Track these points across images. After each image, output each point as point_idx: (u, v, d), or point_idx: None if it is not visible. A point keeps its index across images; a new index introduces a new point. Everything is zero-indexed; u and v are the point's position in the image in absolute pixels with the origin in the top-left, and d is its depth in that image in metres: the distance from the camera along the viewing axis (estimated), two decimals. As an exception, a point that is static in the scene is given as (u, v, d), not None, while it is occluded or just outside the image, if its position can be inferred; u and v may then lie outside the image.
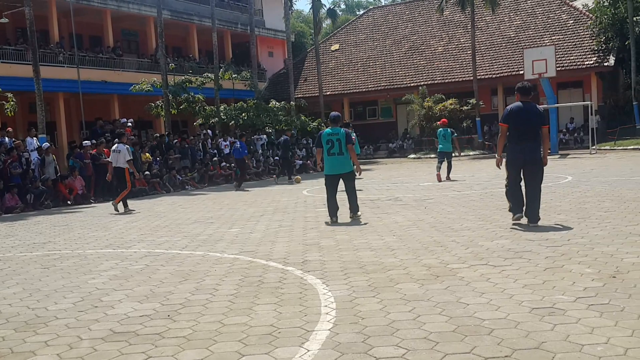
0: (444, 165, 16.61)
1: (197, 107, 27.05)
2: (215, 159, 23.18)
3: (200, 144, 23.74)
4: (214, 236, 8.90)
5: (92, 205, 16.14)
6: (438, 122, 19.23)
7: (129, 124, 22.70)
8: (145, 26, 32.90)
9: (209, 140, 25.02)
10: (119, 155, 13.72)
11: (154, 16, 28.84)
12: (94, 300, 5.43)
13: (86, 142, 18.17)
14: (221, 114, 27.19)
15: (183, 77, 27.45)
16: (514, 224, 8.14)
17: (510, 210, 8.37)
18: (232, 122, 27.36)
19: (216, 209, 13.03)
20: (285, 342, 4.00)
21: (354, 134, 16.03)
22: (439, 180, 16.21)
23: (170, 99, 26.04)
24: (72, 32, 26.61)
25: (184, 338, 4.21)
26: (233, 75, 30.13)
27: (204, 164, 22.11)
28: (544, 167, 8.14)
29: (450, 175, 16.70)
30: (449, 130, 17.11)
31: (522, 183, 8.19)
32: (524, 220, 8.09)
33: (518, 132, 8.00)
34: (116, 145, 13.96)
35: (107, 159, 17.78)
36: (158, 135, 24.96)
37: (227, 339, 4.12)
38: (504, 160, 8.39)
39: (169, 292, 5.54)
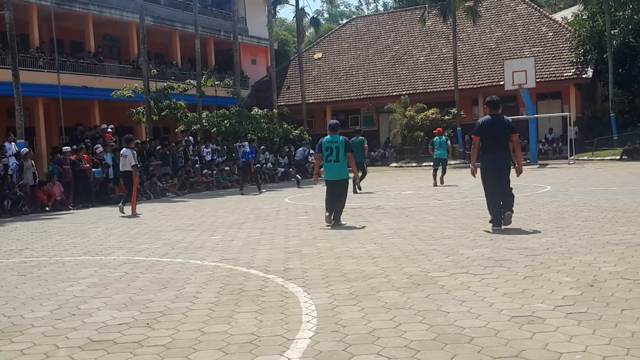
0: (437, 171, 18.05)
1: (179, 114, 26.92)
2: (197, 165, 23.08)
3: (181, 150, 23.62)
4: (194, 243, 8.85)
5: (71, 211, 15.97)
6: (434, 131, 20.86)
7: (110, 130, 22.53)
8: (127, 32, 32.73)
9: (191, 147, 24.90)
10: (125, 159, 14.02)
11: (136, 22, 28.69)
12: (71, 308, 5.36)
13: (66, 148, 17.99)
14: (203, 121, 27.09)
15: (165, 84, 27.33)
16: (493, 230, 8.60)
17: (490, 222, 8.82)
18: (214, 129, 27.27)
19: (197, 216, 12.96)
20: (265, 350, 3.98)
21: (366, 142, 18.17)
22: (435, 185, 17.53)
23: (152, 105, 25.89)
24: (53, 36, 26.39)
25: (163, 347, 4.17)
26: (215, 82, 30.05)
27: (185, 170, 22.00)
28: (519, 175, 9.04)
29: (444, 179, 18.09)
30: (444, 137, 18.66)
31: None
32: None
33: (490, 143, 8.64)
34: (123, 149, 14.26)
35: (87, 165, 17.72)
36: (139, 141, 24.80)
37: (207, 348, 4.09)
38: (478, 169, 8.98)
39: (148, 300, 5.49)
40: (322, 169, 10.47)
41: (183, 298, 5.51)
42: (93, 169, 17.96)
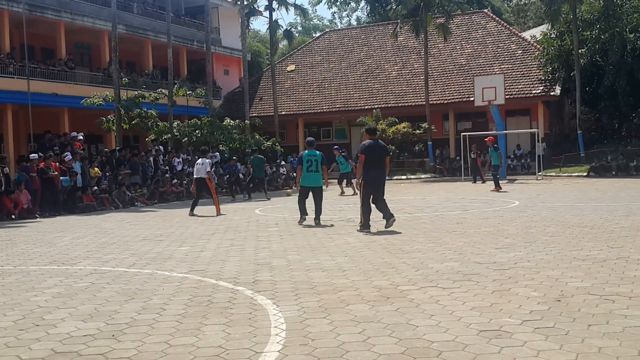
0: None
1: (149, 123, 26.70)
2: (166, 175, 22.85)
3: (151, 159, 23.39)
4: (162, 254, 8.74)
5: (38, 220, 15.68)
6: (485, 140, 23.59)
7: (80, 138, 22.22)
8: (99, 40, 32.45)
9: (161, 156, 24.68)
10: (202, 167, 15.45)
11: (109, 30, 28.45)
12: (35, 318, 5.25)
13: (33, 156, 17.65)
14: (174, 130, 26.91)
15: (136, 92, 27.09)
16: (363, 232, 10.30)
17: (361, 224, 10.62)
18: (185, 139, 27.09)
19: (166, 226, 12.82)
20: (233, 363, 3.94)
21: (343, 154, 22.84)
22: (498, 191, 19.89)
23: (122, 113, 25.64)
24: (24, 43, 26.02)
25: (128, 359, 4.10)
26: (187, 92, 29.90)
27: (154, 180, 21.77)
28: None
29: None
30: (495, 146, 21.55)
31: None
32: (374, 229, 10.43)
33: (372, 161, 10.52)
34: (200, 159, 15.83)
35: (55, 172, 17.41)
36: (108, 150, 24.52)
37: (173, 360, 4.04)
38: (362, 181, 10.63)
39: (114, 311, 5.40)
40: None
41: (150, 309, 5.43)
42: (61, 177, 17.67)
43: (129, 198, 19.64)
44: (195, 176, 15.79)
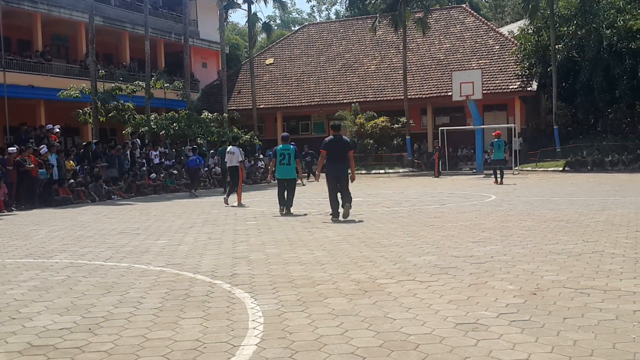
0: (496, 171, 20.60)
1: (126, 116, 26.43)
2: (144, 169, 22.66)
3: (128, 153, 23.17)
4: (140, 248, 8.68)
5: (14, 213, 15.46)
6: (493, 134, 23.45)
7: (56, 130, 21.93)
8: (76, 31, 31.98)
9: (138, 149, 24.46)
10: (233, 156, 15.87)
11: (86, 22, 28.03)
12: (11, 311, 5.18)
13: (12, 149, 17.37)
14: (151, 123, 26.67)
15: (113, 85, 26.79)
16: (332, 220, 11.10)
17: (331, 214, 11.38)
18: (163, 132, 26.87)
19: (143, 219, 12.72)
20: (210, 357, 3.93)
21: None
22: (497, 183, 20.23)
23: (99, 106, 25.35)
24: (0, 34, 25.57)
25: (105, 352, 4.07)
26: (165, 85, 29.64)
27: (131, 173, 21.58)
28: (353, 182, 11.69)
29: (503, 181, 20.45)
30: (502, 140, 21.20)
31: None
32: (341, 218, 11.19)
33: (333, 156, 11.28)
34: (230, 147, 16.33)
35: (32, 165, 17.15)
36: (84, 142, 24.23)
37: (150, 354, 4.01)
38: (322, 175, 11.51)
39: (91, 305, 5.35)
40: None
41: (127, 303, 5.39)
42: (38, 170, 17.41)
43: (106, 191, 19.44)
44: (228, 165, 16.30)
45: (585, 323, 4.42)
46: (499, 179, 20.62)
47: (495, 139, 21.52)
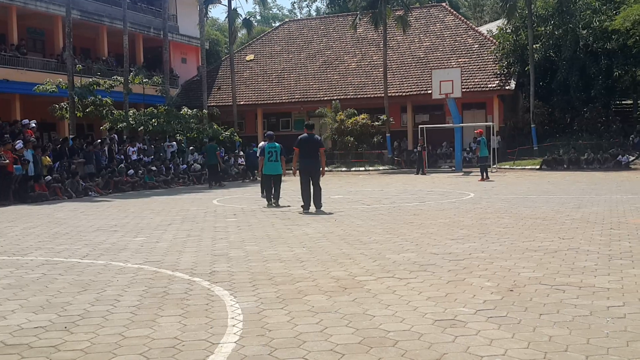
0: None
1: (104, 111, 26.17)
2: (121, 165, 22.44)
3: (106, 148, 22.94)
4: (117, 245, 8.60)
5: (-14, 209, 15.23)
6: (476, 131, 24.54)
7: (32, 126, 21.63)
8: (53, 25, 31.58)
9: (115, 145, 24.22)
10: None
11: (63, 15, 27.72)
12: (-17, 310, 5.11)
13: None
14: (130, 119, 26.41)
15: (91, 80, 26.51)
16: (303, 212, 12.03)
17: (302, 206, 12.29)
18: (141, 127, 26.64)
19: (121, 216, 12.61)
20: (189, 355, 3.91)
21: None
22: (484, 180, 20.99)
23: (76, 101, 25.07)
24: (-26, 28, 25.23)
25: (81, 351, 4.02)
26: (144, 80, 29.37)
27: (109, 170, 21.36)
28: (323, 176, 12.55)
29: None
30: (484, 137, 22.42)
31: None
32: (313, 209, 12.19)
33: (305, 153, 12.36)
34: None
35: (7, 161, 16.90)
36: (60, 139, 23.95)
37: (127, 353, 3.98)
38: (297, 170, 12.40)
39: (67, 303, 5.29)
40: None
41: (104, 301, 5.33)
42: (14, 166, 17.18)
43: (83, 188, 19.23)
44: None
45: (560, 319, 4.48)
46: (484, 176, 21.39)
47: (480, 137, 22.30)
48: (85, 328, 4.52)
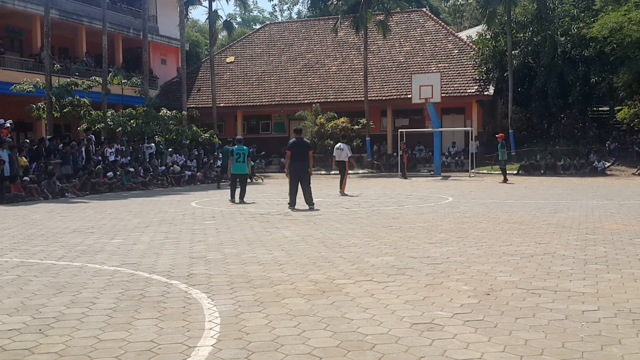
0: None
1: (82, 112, 25.91)
2: (99, 167, 22.20)
3: (83, 149, 22.68)
4: (94, 247, 8.51)
5: (-40, 210, 14.98)
6: (497, 136, 25.64)
7: (7, 125, 21.33)
8: (31, 24, 31.19)
9: (93, 146, 23.96)
10: (342, 152, 18.40)
11: (41, 14, 27.38)
12: (-44, 313, 5.02)
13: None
14: (108, 119, 26.17)
15: (69, 80, 26.24)
16: (288, 209, 13.06)
17: (288, 203, 13.42)
18: (120, 128, 26.41)
19: (98, 218, 12.49)
20: (165, 358, 3.88)
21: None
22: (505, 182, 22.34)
23: (54, 101, 24.80)
24: (-50, 26, 24.85)
25: (56, 354, 3.97)
26: (122, 81, 29.11)
27: (86, 171, 21.12)
28: (310, 176, 13.58)
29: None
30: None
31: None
32: (300, 207, 13.11)
33: (295, 155, 13.45)
34: (339, 144, 18.98)
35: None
36: (37, 139, 23.65)
37: (103, 356, 3.94)
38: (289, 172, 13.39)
39: (42, 305, 5.22)
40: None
41: (79, 303, 5.27)
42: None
43: (59, 189, 19.00)
44: (337, 159, 18.49)
45: (536, 323, 4.52)
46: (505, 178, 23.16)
47: (501, 141, 24.06)
48: (60, 331, 4.47)
